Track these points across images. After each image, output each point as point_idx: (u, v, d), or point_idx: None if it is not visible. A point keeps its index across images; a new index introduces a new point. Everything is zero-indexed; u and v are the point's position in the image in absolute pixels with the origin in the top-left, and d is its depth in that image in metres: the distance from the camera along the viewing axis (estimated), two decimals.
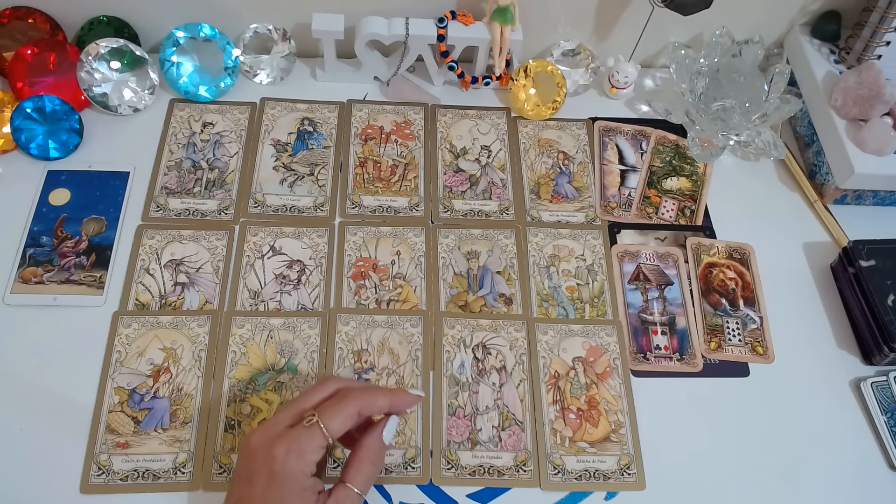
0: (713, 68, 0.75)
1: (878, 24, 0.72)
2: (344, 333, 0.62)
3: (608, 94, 0.81)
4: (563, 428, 0.59)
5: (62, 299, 0.62)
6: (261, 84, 0.78)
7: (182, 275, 0.64)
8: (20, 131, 0.69)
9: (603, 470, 0.57)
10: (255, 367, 0.60)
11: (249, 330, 0.62)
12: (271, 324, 0.62)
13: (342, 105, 0.77)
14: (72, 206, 0.67)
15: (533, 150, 0.76)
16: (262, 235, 0.67)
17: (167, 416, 0.57)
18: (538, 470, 0.57)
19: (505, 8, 0.72)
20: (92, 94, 0.72)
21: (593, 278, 0.68)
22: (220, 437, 0.57)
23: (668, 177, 0.75)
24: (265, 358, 0.61)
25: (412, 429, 0.58)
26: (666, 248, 0.70)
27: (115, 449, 0.56)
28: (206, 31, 0.74)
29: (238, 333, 0.61)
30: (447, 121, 0.77)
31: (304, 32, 0.77)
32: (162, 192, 0.69)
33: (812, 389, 0.63)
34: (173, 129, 0.74)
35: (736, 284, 0.68)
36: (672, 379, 0.63)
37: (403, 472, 0.56)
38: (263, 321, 0.62)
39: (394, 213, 0.70)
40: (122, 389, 0.58)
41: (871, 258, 0.66)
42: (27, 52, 0.71)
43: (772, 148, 0.74)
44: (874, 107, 0.71)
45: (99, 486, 0.54)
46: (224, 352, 0.60)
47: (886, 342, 0.62)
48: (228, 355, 0.60)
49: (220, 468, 0.55)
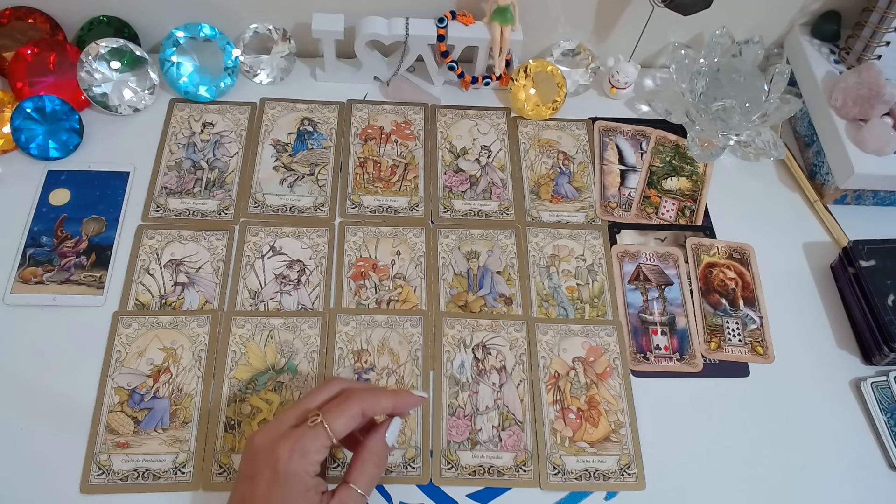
0: (713, 68, 0.75)
1: (878, 24, 0.72)
2: (344, 333, 0.62)
3: (608, 94, 0.81)
4: (563, 428, 0.59)
5: (62, 299, 0.62)
6: (261, 84, 0.78)
7: (182, 275, 0.64)
8: (20, 131, 0.69)
9: (603, 470, 0.57)
10: (256, 367, 0.60)
11: (249, 330, 0.62)
12: (271, 324, 0.62)
13: (342, 105, 0.77)
14: (72, 206, 0.67)
15: (533, 150, 0.76)
16: (262, 235, 0.67)
17: (167, 416, 0.57)
18: (538, 470, 0.57)
19: (505, 8, 0.72)
20: (92, 94, 0.72)
21: (593, 278, 0.68)
22: (220, 437, 0.57)
23: (668, 177, 0.75)
24: (265, 358, 0.61)
25: (412, 429, 0.58)
26: (666, 248, 0.70)
27: (115, 449, 0.56)
28: (206, 31, 0.74)
29: (238, 333, 0.61)
30: (447, 121, 0.77)
31: (304, 32, 0.77)
32: (162, 192, 0.69)
33: (812, 389, 0.63)
34: (173, 129, 0.74)
35: (736, 284, 0.68)
36: (672, 379, 0.63)
37: (403, 472, 0.56)
38: (263, 321, 0.62)
39: (394, 213, 0.70)
40: (122, 389, 0.58)
41: (871, 258, 0.66)
42: (27, 52, 0.71)
43: (772, 148, 0.74)
44: (874, 107, 0.71)
45: (99, 485, 0.54)
46: (224, 352, 0.61)
47: (886, 342, 0.62)
48: (228, 355, 0.60)
49: (221, 468, 0.55)
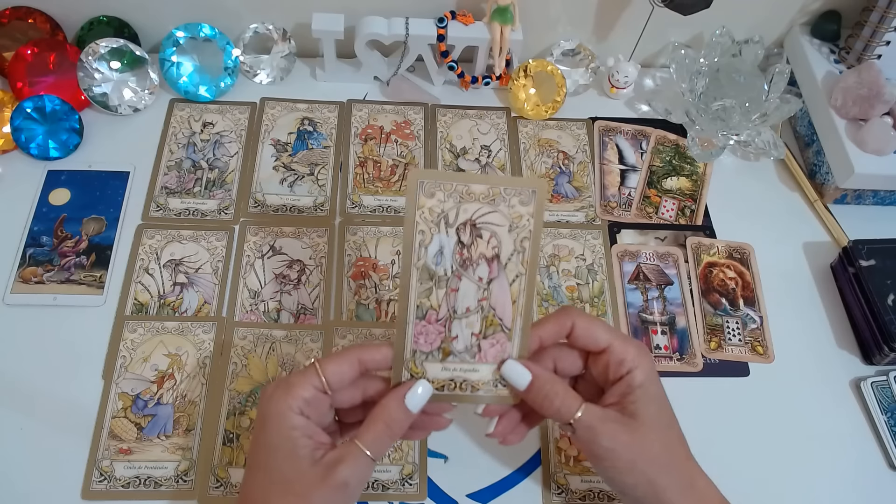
0: (713, 68, 0.75)
1: (878, 24, 0.72)
2: (342, 347, 0.62)
3: (608, 93, 0.81)
4: (567, 447, 0.58)
5: (62, 299, 0.62)
6: (261, 84, 0.78)
7: (181, 275, 0.64)
8: (20, 131, 0.69)
9: (607, 491, 0.57)
10: (257, 379, 0.59)
11: (251, 341, 0.61)
12: (273, 335, 0.62)
13: (342, 105, 0.77)
14: (72, 206, 0.67)
15: (533, 149, 0.76)
16: (262, 235, 0.67)
17: (170, 424, 0.57)
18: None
19: (505, 8, 0.72)
20: (92, 94, 0.72)
21: (593, 278, 0.68)
22: (218, 450, 0.56)
23: (668, 176, 0.75)
24: (266, 371, 0.60)
25: (410, 444, 0.57)
26: (666, 247, 0.70)
27: (117, 455, 0.55)
28: (206, 31, 0.74)
29: (240, 345, 0.61)
30: (447, 121, 0.77)
31: (304, 32, 0.77)
32: (162, 192, 0.69)
33: (812, 389, 0.63)
34: (173, 129, 0.74)
35: (736, 284, 0.68)
36: (672, 379, 0.63)
37: (400, 489, 0.56)
38: (266, 332, 0.62)
39: (394, 213, 0.70)
40: (125, 395, 0.58)
41: (871, 258, 0.66)
42: (27, 52, 0.71)
43: (772, 148, 0.74)
44: (874, 107, 0.71)
45: (100, 492, 0.54)
46: (226, 362, 0.60)
47: (886, 342, 0.62)
48: (229, 366, 0.60)
49: (217, 482, 0.55)
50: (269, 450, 0.42)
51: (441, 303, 0.46)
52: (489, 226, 0.45)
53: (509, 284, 0.46)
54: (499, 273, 0.46)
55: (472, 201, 0.45)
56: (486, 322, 0.47)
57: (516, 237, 0.46)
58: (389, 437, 0.44)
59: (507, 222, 0.45)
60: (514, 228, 0.46)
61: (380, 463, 0.56)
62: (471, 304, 0.46)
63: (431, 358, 0.47)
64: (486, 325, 0.47)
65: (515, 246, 0.46)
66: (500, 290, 0.46)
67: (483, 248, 0.46)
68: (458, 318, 0.46)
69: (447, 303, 0.46)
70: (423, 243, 0.45)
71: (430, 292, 0.46)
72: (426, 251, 0.45)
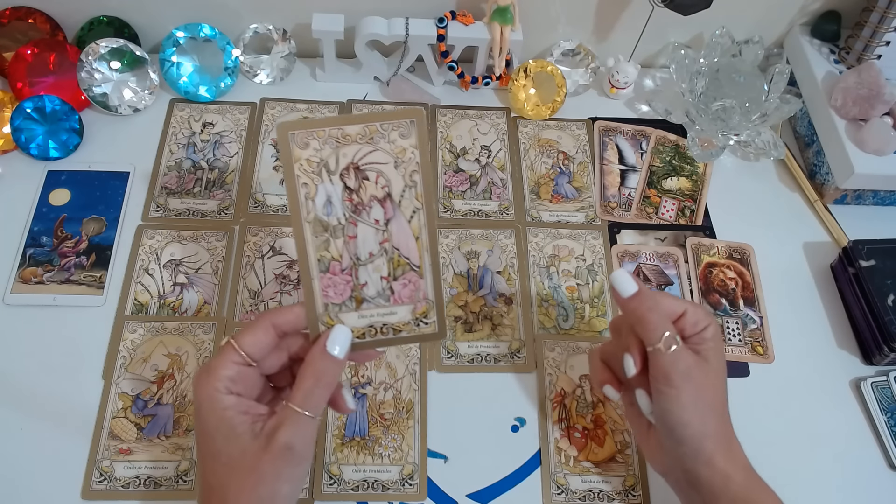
0: (713, 68, 0.75)
1: (878, 24, 0.72)
2: None
3: (608, 94, 0.81)
4: (567, 447, 0.58)
5: (62, 299, 0.62)
6: (261, 84, 0.78)
7: (181, 275, 0.64)
8: (20, 131, 0.69)
9: (607, 491, 0.57)
10: None
11: None
12: None
13: (342, 105, 0.77)
14: (72, 206, 0.67)
15: (533, 150, 0.76)
16: (262, 235, 0.67)
17: (170, 424, 0.57)
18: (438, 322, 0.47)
19: (505, 8, 0.72)
20: (92, 94, 0.72)
21: (593, 278, 0.68)
22: None
23: (668, 177, 0.75)
24: None
25: (409, 444, 0.57)
26: (666, 248, 0.70)
27: (117, 455, 0.55)
28: (206, 31, 0.74)
29: None
30: (447, 121, 0.77)
31: (304, 32, 0.77)
32: (162, 192, 0.69)
33: (812, 389, 0.63)
34: (173, 129, 0.74)
35: (736, 284, 0.68)
36: None
37: (400, 489, 0.56)
38: None
39: None
40: (125, 395, 0.58)
41: (871, 258, 0.66)
42: (27, 52, 0.71)
43: (772, 148, 0.74)
44: (874, 107, 0.71)
45: (100, 492, 0.54)
46: None
47: (886, 342, 0.62)
48: None
49: None
50: (209, 436, 0.43)
51: (342, 252, 0.45)
52: (373, 165, 0.44)
53: (408, 221, 0.45)
54: (394, 212, 0.45)
55: (349, 144, 0.43)
56: (393, 264, 0.46)
57: (404, 172, 0.44)
58: (322, 390, 0.44)
59: (392, 159, 0.44)
60: (399, 164, 0.44)
61: (380, 463, 0.56)
62: (373, 248, 0.45)
63: (345, 308, 0.46)
64: (394, 266, 0.46)
65: (406, 181, 0.45)
66: (400, 228, 0.45)
67: (372, 189, 0.44)
68: (363, 264, 0.45)
69: (348, 251, 0.45)
70: (309, 196, 0.44)
71: (328, 244, 0.45)
72: (314, 203, 0.44)
